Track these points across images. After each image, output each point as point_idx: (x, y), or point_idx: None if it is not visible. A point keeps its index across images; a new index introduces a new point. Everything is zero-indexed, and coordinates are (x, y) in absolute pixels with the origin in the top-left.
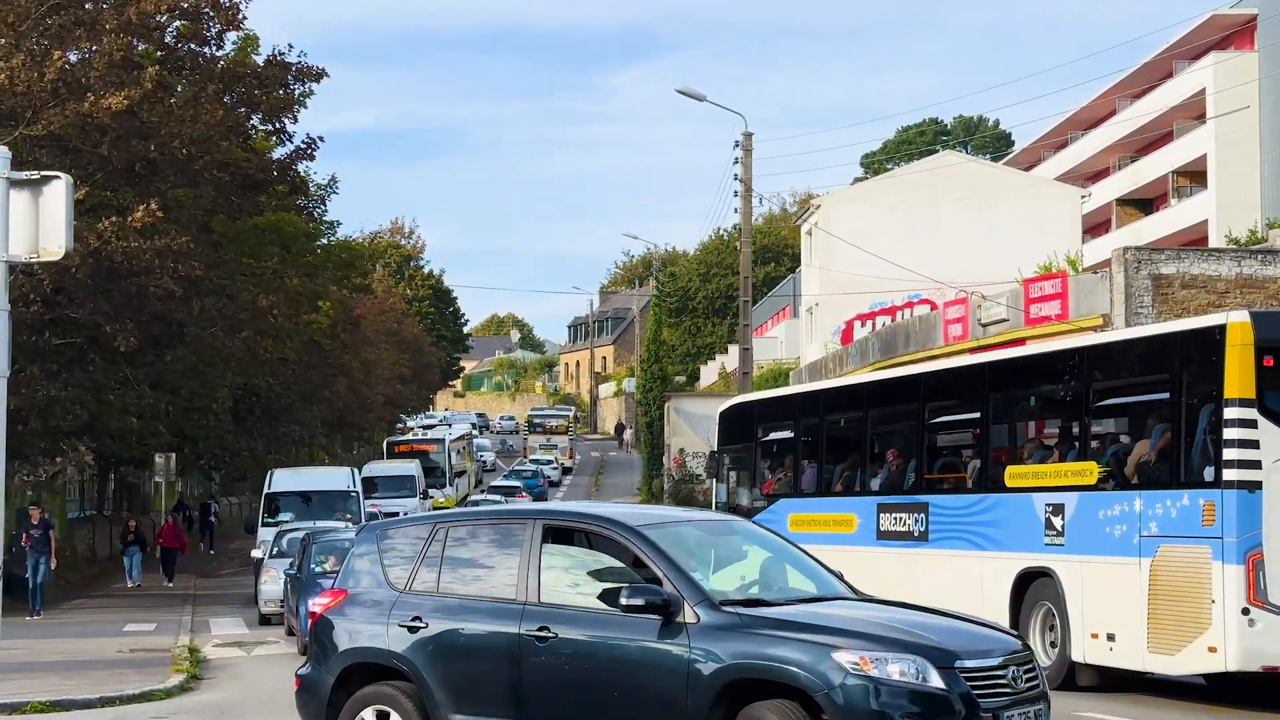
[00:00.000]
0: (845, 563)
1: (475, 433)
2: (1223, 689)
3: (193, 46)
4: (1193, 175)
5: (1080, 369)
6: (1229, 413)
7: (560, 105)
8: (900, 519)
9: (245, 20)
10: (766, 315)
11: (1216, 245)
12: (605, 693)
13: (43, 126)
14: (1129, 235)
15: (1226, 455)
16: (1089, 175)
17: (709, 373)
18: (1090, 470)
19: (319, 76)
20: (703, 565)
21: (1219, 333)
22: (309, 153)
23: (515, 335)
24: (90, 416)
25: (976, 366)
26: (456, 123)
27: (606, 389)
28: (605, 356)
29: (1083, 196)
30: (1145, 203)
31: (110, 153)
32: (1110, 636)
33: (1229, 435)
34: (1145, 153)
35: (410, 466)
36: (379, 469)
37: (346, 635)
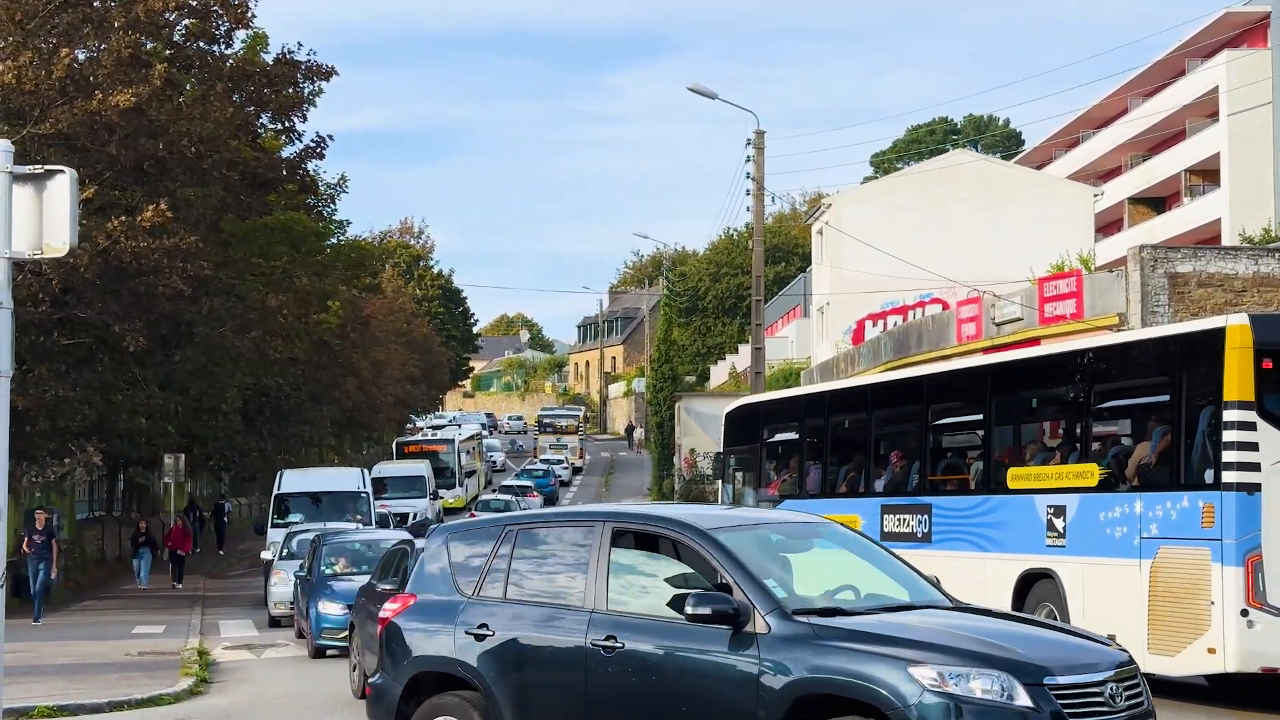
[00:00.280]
0: None
1: (485, 433)
2: (1224, 690)
3: (201, 45)
4: (1205, 174)
5: (1081, 371)
6: (1228, 415)
7: (568, 106)
8: (904, 520)
9: (254, 18)
10: (777, 315)
11: (1229, 244)
12: (673, 706)
13: (50, 125)
14: (1140, 234)
15: (1226, 458)
16: (1100, 174)
17: (719, 372)
18: (1091, 472)
19: (328, 75)
20: (781, 571)
21: (1218, 336)
22: (318, 151)
23: (524, 335)
24: (99, 417)
25: (979, 369)
26: (465, 123)
27: (616, 389)
28: (615, 356)
29: (1095, 195)
30: (1157, 201)
31: (119, 151)
32: (1111, 637)
33: (1228, 438)
34: (1157, 151)
35: (420, 467)
36: (389, 469)
37: (414, 643)
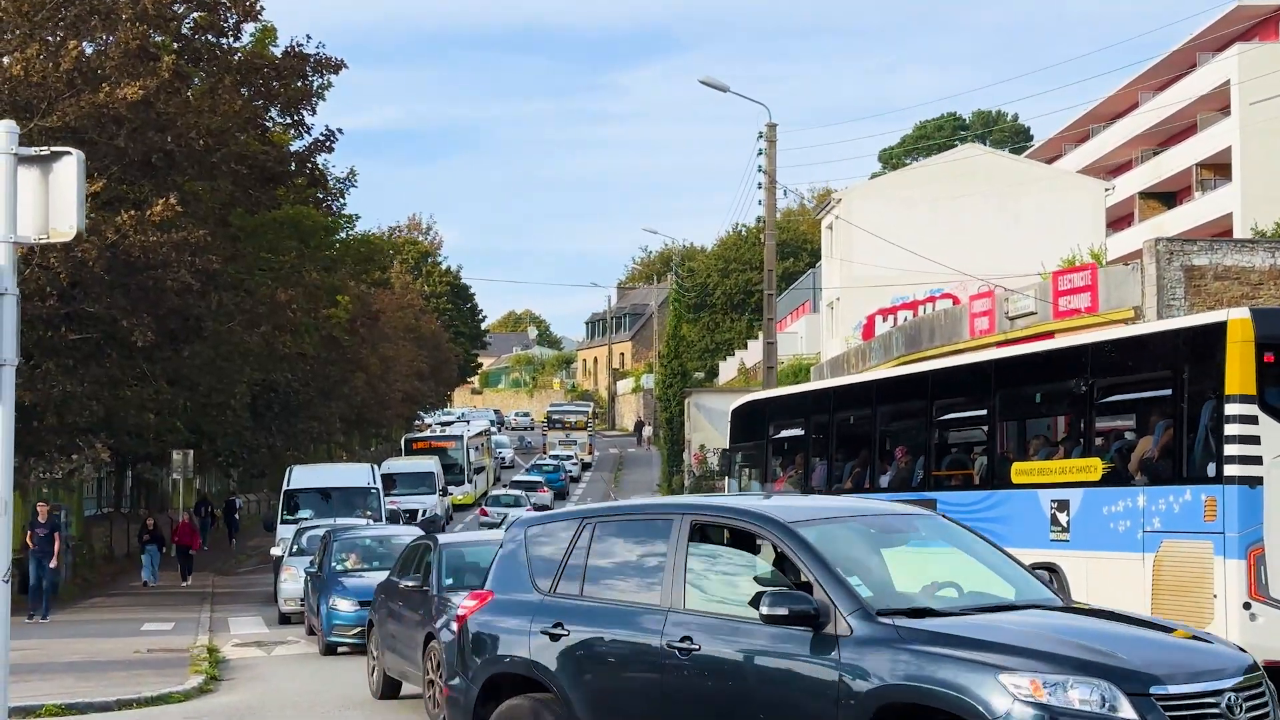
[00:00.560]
0: None
1: (494, 429)
2: None
3: (210, 37)
4: (1217, 168)
5: (1084, 366)
6: (1230, 409)
7: (576, 104)
8: None
9: (262, 11)
10: (785, 311)
11: (1242, 238)
12: (751, 714)
13: (58, 118)
14: (1151, 229)
15: (1228, 451)
16: (1111, 168)
17: (728, 368)
18: (1094, 466)
19: (337, 68)
20: (871, 567)
21: (1219, 329)
22: (328, 145)
23: (533, 332)
24: (107, 412)
25: (982, 364)
26: (473, 122)
27: (624, 385)
28: (623, 353)
29: (1107, 190)
30: (1168, 196)
31: (127, 145)
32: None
33: (1230, 431)
34: (1168, 145)
35: (429, 463)
36: (398, 466)
37: (490, 642)
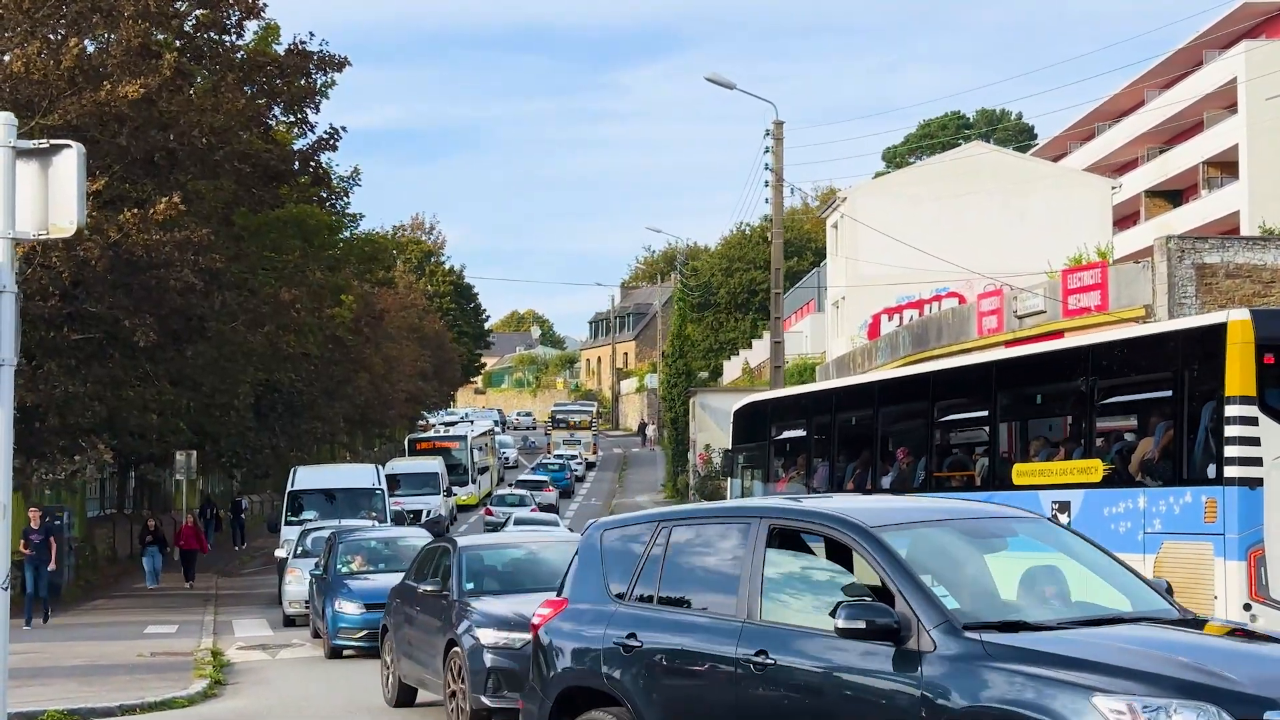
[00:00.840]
0: None
1: (498, 429)
2: None
3: (212, 35)
4: (1223, 166)
5: (1085, 367)
6: (1230, 410)
7: (579, 103)
8: None
9: (265, 8)
10: (789, 310)
11: (1254, 236)
12: None
13: (59, 116)
14: (1157, 228)
15: (1228, 452)
16: (1116, 167)
17: (732, 368)
18: (1095, 468)
19: (341, 66)
20: (968, 576)
21: (1220, 331)
22: (331, 143)
23: (536, 331)
24: (109, 413)
25: (984, 365)
26: (476, 121)
27: (628, 385)
28: (627, 352)
29: (1114, 188)
30: (1174, 194)
31: (129, 143)
32: None
33: (1230, 433)
34: (1174, 143)
35: (434, 463)
36: (402, 466)
37: (563, 653)
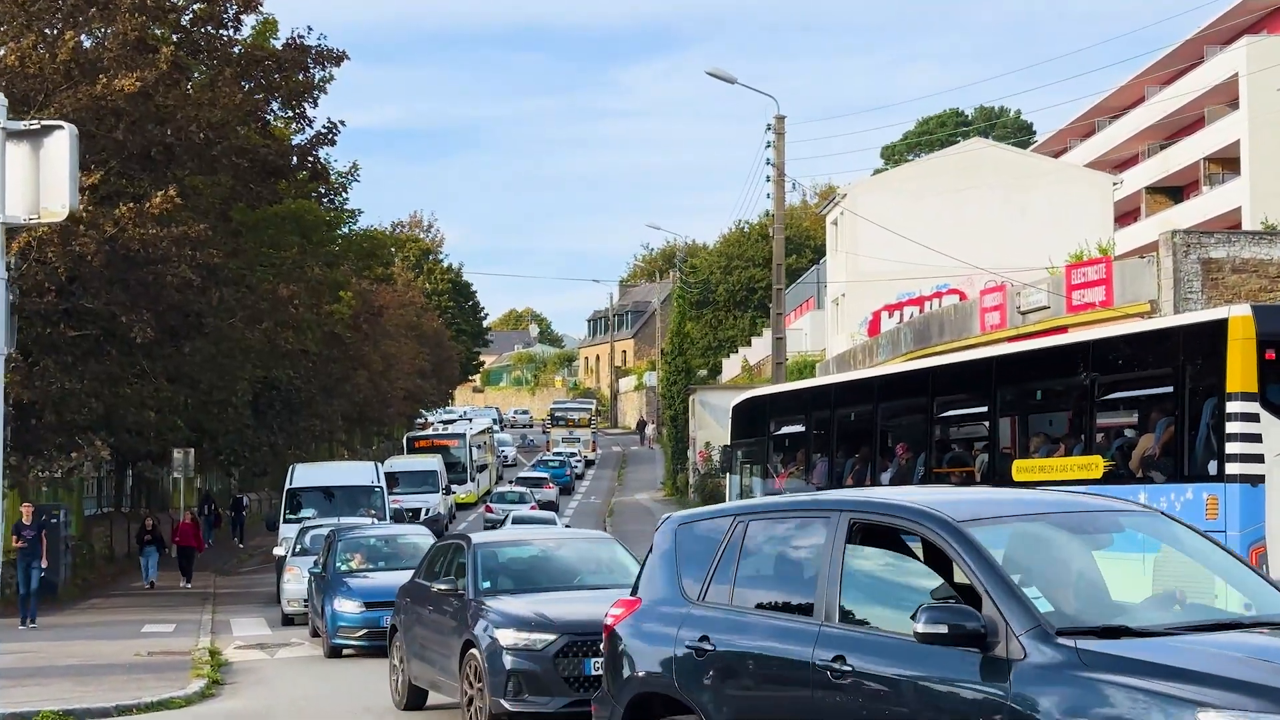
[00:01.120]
0: None
1: (496, 428)
2: None
3: (209, 29)
4: (1225, 162)
5: (1085, 363)
6: (1231, 407)
7: (579, 101)
8: None
9: (263, 3)
10: (789, 307)
11: (1260, 230)
12: None
13: (55, 110)
14: (1159, 224)
15: (1229, 449)
16: (1117, 163)
17: (731, 365)
18: (1096, 464)
19: (339, 60)
20: (1068, 576)
21: (1221, 327)
22: (330, 138)
23: (534, 330)
24: (106, 410)
25: (983, 361)
26: (475, 120)
27: (627, 383)
28: (625, 350)
29: (1115, 184)
30: (1175, 190)
31: (125, 138)
32: None
33: (1231, 429)
34: (1175, 139)
35: (432, 461)
36: (400, 464)
37: (634, 657)
